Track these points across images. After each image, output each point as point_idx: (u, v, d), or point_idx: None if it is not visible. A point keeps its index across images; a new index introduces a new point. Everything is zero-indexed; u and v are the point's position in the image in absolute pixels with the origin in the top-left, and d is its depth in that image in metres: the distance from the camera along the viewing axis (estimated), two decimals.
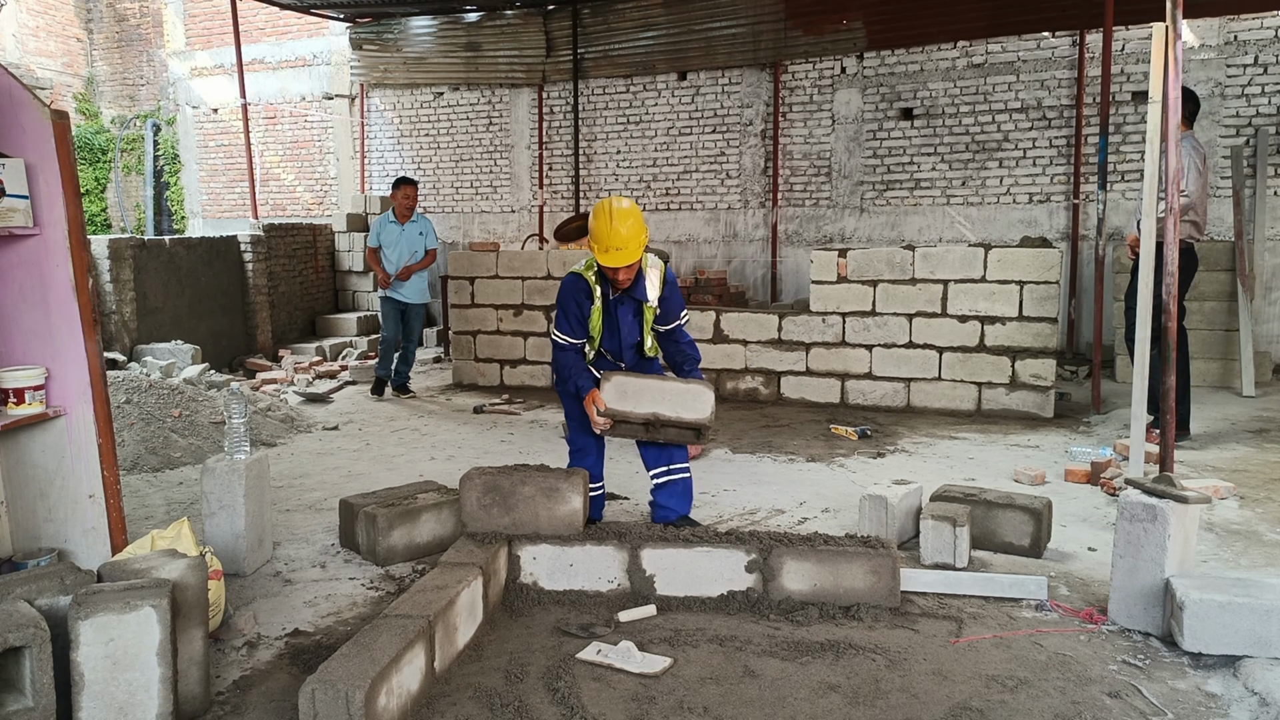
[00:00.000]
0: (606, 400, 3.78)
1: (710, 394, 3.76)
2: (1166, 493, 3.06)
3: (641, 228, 3.78)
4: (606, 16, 10.83)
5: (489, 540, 3.39)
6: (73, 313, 3.10)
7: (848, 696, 2.68)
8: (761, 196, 10.51)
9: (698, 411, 3.72)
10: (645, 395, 3.75)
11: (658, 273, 3.98)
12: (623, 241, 3.73)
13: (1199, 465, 5.11)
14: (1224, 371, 7.61)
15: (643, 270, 3.92)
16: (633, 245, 3.75)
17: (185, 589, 2.56)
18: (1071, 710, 2.58)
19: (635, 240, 3.75)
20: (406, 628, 2.62)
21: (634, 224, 3.75)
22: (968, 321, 6.67)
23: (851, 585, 3.27)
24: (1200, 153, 5.46)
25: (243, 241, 9.69)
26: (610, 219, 3.76)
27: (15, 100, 3.01)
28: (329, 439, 6.21)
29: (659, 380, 3.82)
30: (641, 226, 3.78)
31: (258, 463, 3.79)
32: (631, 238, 3.74)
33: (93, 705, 2.31)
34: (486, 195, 11.91)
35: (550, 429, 6.43)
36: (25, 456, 3.20)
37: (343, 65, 12.35)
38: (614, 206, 3.79)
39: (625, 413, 3.74)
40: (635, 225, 3.75)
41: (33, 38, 13.98)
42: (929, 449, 5.69)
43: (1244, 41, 8.41)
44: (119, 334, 8.02)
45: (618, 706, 2.63)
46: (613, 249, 3.75)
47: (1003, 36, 9.22)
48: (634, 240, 3.75)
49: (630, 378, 3.82)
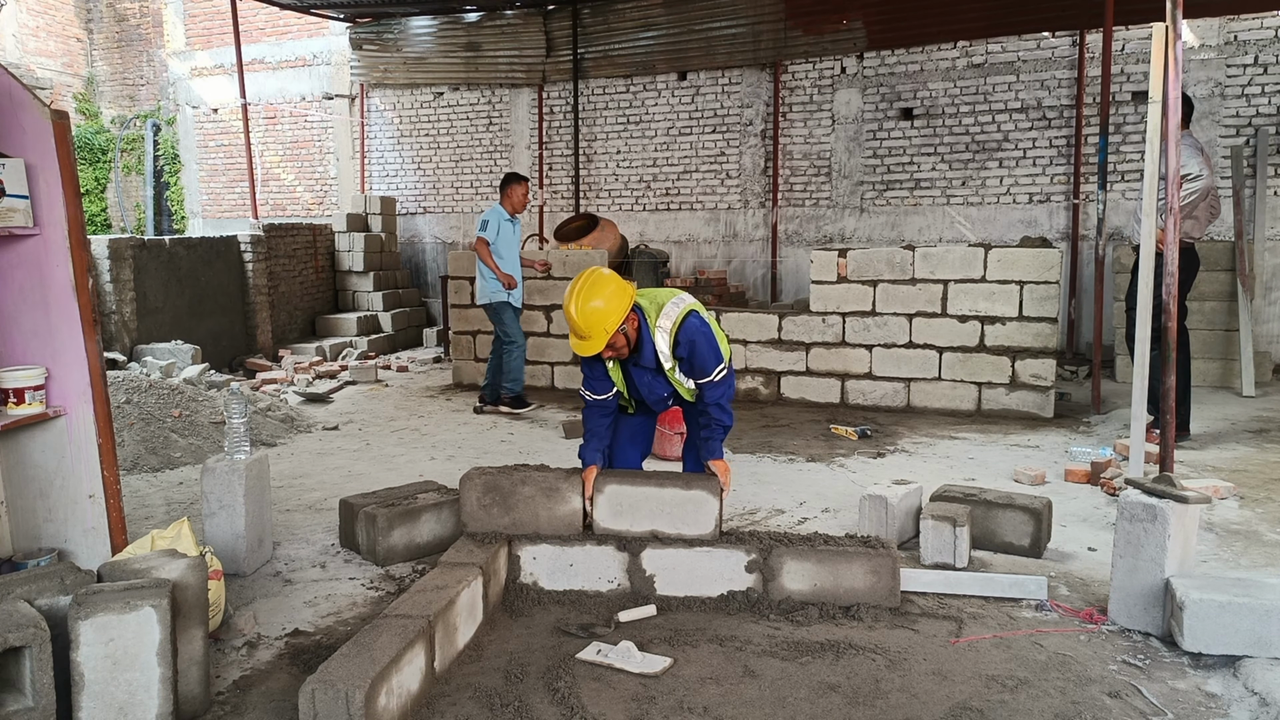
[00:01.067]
0: (599, 518, 3.43)
1: (714, 501, 3.36)
2: (1166, 493, 3.06)
3: (613, 310, 3.23)
4: (606, 16, 10.83)
5: (489, 540, 3.39)
6: (73, 313, 3.10)
7: (848, 696, 2.68)
8: (761, 196, 10.51)
9: (699, 526, 3.37)
10: (642, 509, 3.40)
11: (666, 334, 3.38)
12: (585, 329, 3.23)
13: (1199, 465, 5.11)
14: (1224, 371, 7.61)
15: (650, 331, 3.39)
16: (597, 334, 3.23)
17: (185, 589, 2.56)
18: (1071, 710, 2.58)
19: (600, 327, 3.22)
20: (406, 628, 2.62)
21: (603, 308, 3.21)
22: (968, 321, 6.67)
23: (851, 585, 3.27)
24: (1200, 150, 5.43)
25: (243, 241, 9.69)
26: (572, 298, 3.23)
27: (15, 100, 3.01)
28: (329, 439, 6.21)
29: (658, 489, 3.41)
30: (614, 308, 3.23)
31: (258, 463, 3.79)
32: (594, 325, 3.22)
33: (93, 705, 2.31)
34: (486, 195, 11.90)
35: (550, 429, 6.43)
36: (25, 456, 3.20)
37: (343, 65, 12.35)
38: (582, 284, 3.25)
39: (620, 532, 3.41)
40: (604, 309, 3.21)
41: (33, 38, 13.98)
42: (929, 449, 5.69)
43: (1244, 41, 8.41)
44: (119, 334, 8.02)
45: (618, 706, 2.63)
46: (579, 336, 3.27)
47: (1003, 36, 9.22)
48: (598, 327, 3.22)
49: (626, 486, 3.42)
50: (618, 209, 11.15)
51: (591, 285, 3.24)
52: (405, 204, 12.30)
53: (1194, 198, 5.28)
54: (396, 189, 12.35)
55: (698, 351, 3.35)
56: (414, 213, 12.32)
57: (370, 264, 11.19)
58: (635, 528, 3.41)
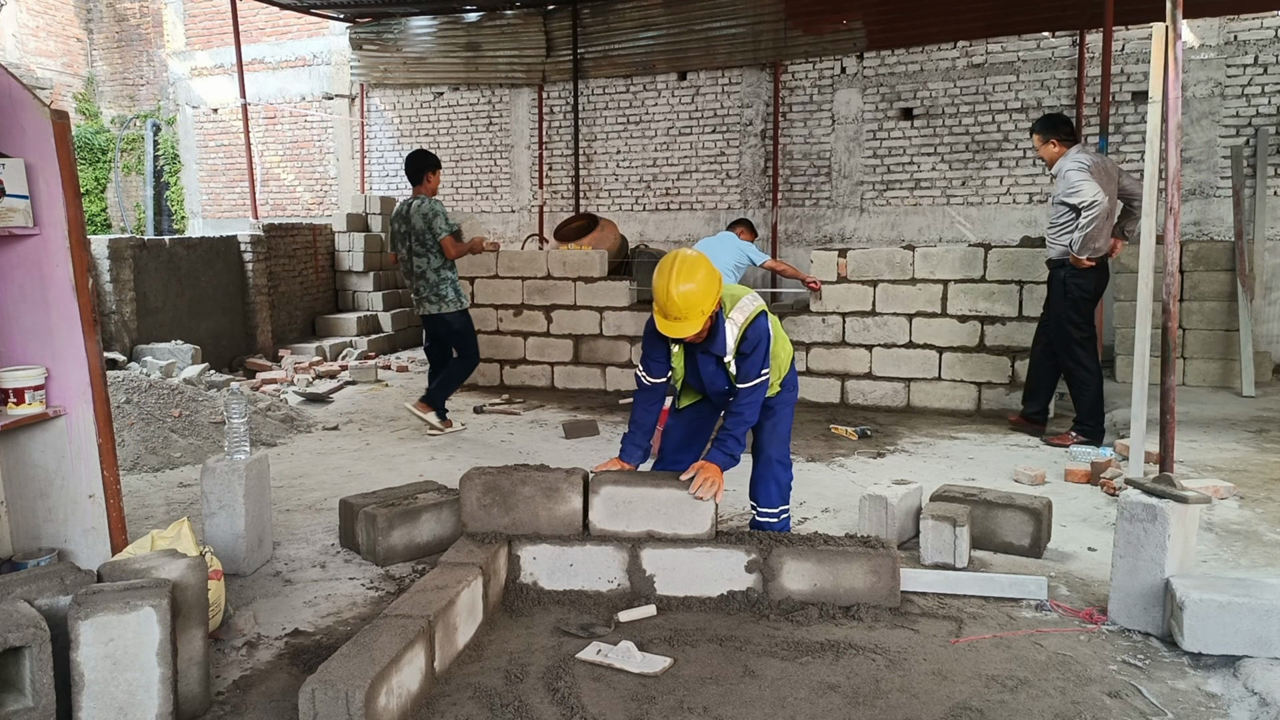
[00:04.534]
0: (596, 520, 3.42)
1: (711, 501, 3.35)
2: (1166, 493, 3.06)
3: (709, 292, 3.21)
4: (606, 16, 10.83)
5: (489, 540, 3.39)
6: (73, 313, 3.10)
7: (848, 696, 2.68)
8: (761, 196, 10.51)
9: (696, 526, 3.36)
10: (638, 510, 3.39)
11: (737, 327, 3.36)
12: (680, 311, 3.19)
13: (1199, 465, 5.11)
14: (1224, 371, 7.61)
15: (723, 319, 3.36)
16: (693, 316, 3.21)
17: (185, 589, 2.56)
18: (1071, 710, 2.58)
19: (697, 309, 3.20)
20: (406, 628, 2.62)
21: (698, 289, 3.18)
22: (968, 321, 6.67)
23: (851, 585, 3.27)
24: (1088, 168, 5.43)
25: (243, 241, 9.69)
26: (669, 280, 3.19)
27: (15, 100, 3.01)
28: (329, 439, 6.21)
29: (654, 489, 3.40)
30: (709, 290, 3.21)
31: (258, 463, 3.79)
32: (691, 307, 3.19)
33: (93, 705, 2.31)
34: (486, 195, 11.91)
35: (550, 429, 6.43)
36: (25, 456, 3.20)
37: (343, 65, 12.35)
38: (677, 265, 3.21)
39: (616, 533, 3.41)
40: (699, 291, 3.19)
41: (33, 38, 13.98)
42: (929, 449, 5.69)
43: (1244, 41, 8.41)
44: (119, 334, 8.02)
45: (618, 706, 2.63)
46: (671, 317, 3.23)
47: (1003, 36, 9.22)
48: (695, 309, 3.20)
49: (622, 487, 3.41)
50: (618, 209, 11.16)
51: (685, 267, 3.21)
52: None
53: (1096, 222, 5.36)
54: (396, 189, 12.35)
55: (754, 355, 3.37)
56: None
57: (370, 264, 11.19)
58: (632, 528, 3.41)
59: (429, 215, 6.04)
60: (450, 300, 6.15)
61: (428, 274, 6.13)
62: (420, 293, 6.19)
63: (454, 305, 6.17)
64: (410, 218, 6.13)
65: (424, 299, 6.18)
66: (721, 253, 6.54)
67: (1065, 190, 5.44)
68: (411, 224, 6.12)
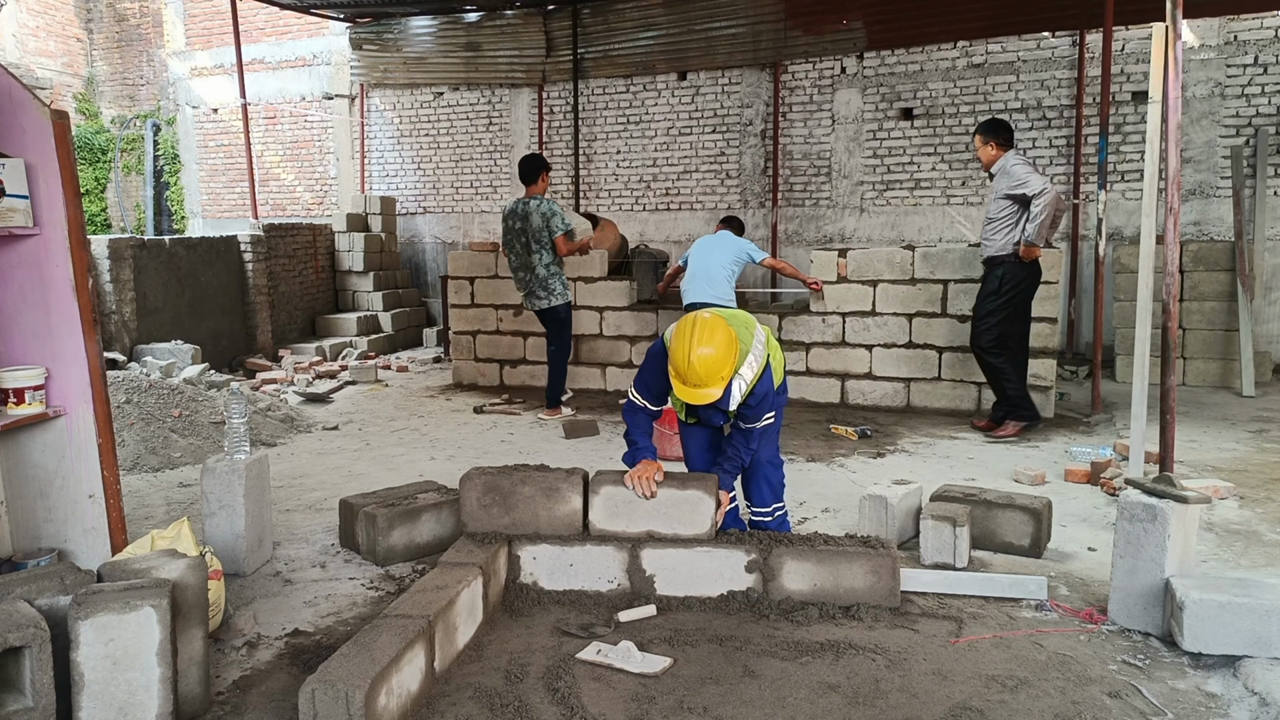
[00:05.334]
0: (595, 519, 3.41)
1: (710, 501, 3.35)
2: (1166, 493, 3.06)
3: (728, 356, 3.16)
4: (606, 16, 10.83)
5: (489, 540, 3.39)
6: (73, 313, 3.10)
7: (848, 696, 2.68)
8: (761, 196, 10.51)
9: (695, 526, 3.36)
10: (638, 509, 3.39)
11: (746, 383, 3.31)
12: (700, 378, 3.16)
13: (1199, 465, 5.11)
14: (1224, 371, 7.61)
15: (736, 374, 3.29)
16: (714, 382, 3.17)
17: (185, 589, 2.56)
18: (1071, 710, 2.58)
19: (717, 374, 3.16)
20: (406, 628, 2.62)
21: (717, 355, 3.14)
22: (968, 321, 6.66)
23: (851, 585, 3.27)
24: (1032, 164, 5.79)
25: (243, 241, 9.69)
26: (689, 345, 3.14)
27: (15, 100, 3.01)
28: (329, 439, 6.21)
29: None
30: (729, 355, 3.17)
31: (258, 463, 3.79)
32: (712, 373, 3.15)
33: (93, 705, 2.31)
34: (486, 195, 11.91)
35: (550, 429, 6.43)
36: (25, 456, 3.20)
37: (343, 65, 12.35)
38: (696, 330, 3.16)
39: (616, 533, 3.41)
40: (719, 357, 3.14)
41: (33, 38, 13.98)
42: (929, 449, 5.69)
43: (1244, 41, 8.41)
44: (119, 334, 8.02)
45: (618, 706, 2.63)
46: (691, 384, 3.19)
47: (1003, 36, 9.22)
48: (714, 375, 3.16)
49: (621, 488, 3.39)
50: (617, 209, 11.16)
51: (704, 332, 3.17)
52: (405, 204, 12.31)
53: (1047, 210, 5.57)
54: (396, 189, 12.35)
55: (764, 404, 3.41)
56: (414, 213, 12.32)
57: (370, 264, 11.19)
58: (632, 528, 3.40)
59: (548, 214, 6.45)
60: (557, 294, 6.59)
61: (538, 269, 6.54)
62: (529, 286, 6.63)
63: (560, 299, 6.61)
64: (529, 215, 6.49)
65: (533, 293, 6.62)
66: (721, 251, 6.54)
67: (1011, 185, 5.69)
68: (530, 221, 6.49)
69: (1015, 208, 5.70)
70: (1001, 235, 5.78)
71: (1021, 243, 5.66)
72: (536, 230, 6.45)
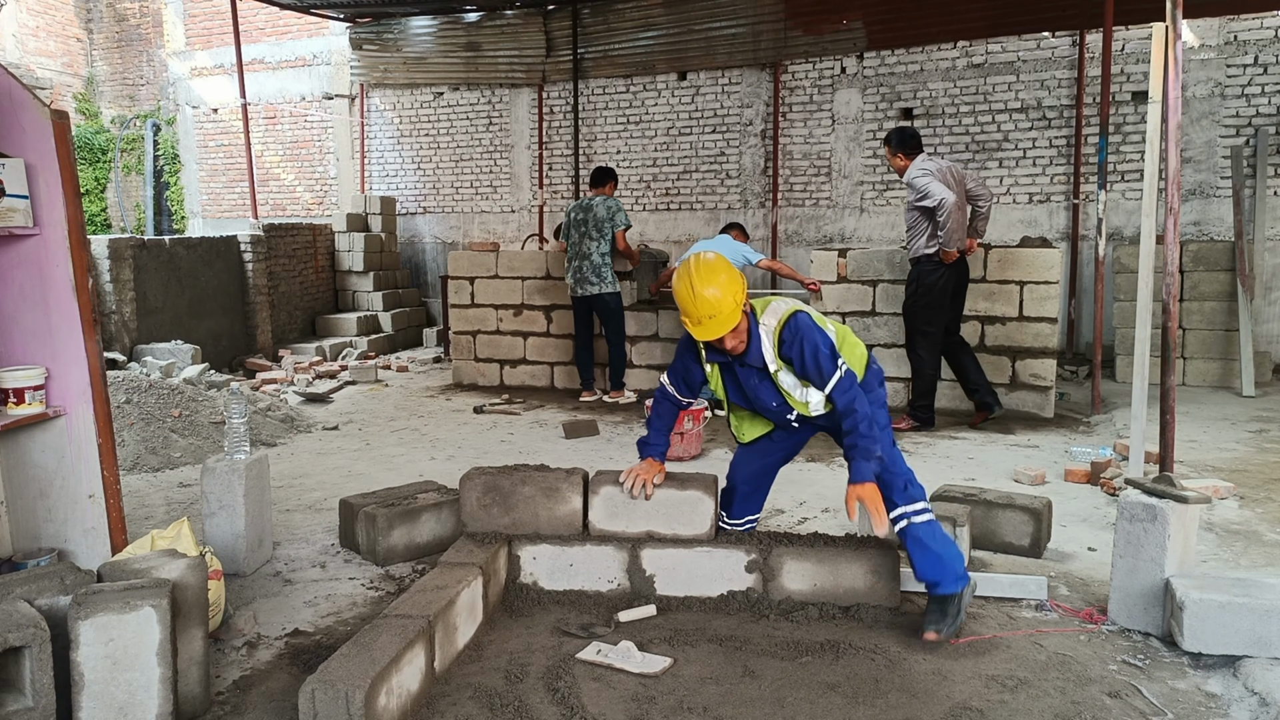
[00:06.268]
0: (595, 519, 3.38)
1: (709, 501, 3.32)
2: (1166, 493, 3.06)
3: (732, 282, 3.04)
4: (606, 16, 10.83)
5: (489, 540, 3.39)
6: (73, 313, 3.10)
7: (848, 696, 2.68)
8: (761, 196, 10.51)
9: (695, 526, 3.33)
10: (638, 509, 3.36)
11: (770, 332, 3.14)
12: (710, 308, 3.01)
13: (1199, 465, 5.11)
14: (1224, 371, 7.61)
15: (757, 327, 3.16)
16: (724, 310, 3.01)
17: (185, 589, 2.56)
18: (1071, 710, 2.58)
19: (726, 301, 3.01)
20: (406, 628, 2.62)
21: (724, 283, 3.02)
22: (968, 321, 6.66)
23: (851, 585, 3.27)
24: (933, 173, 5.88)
25: (243, 241, 9.69)
26: (692, 283, 3.03)
27: (15, 100, 3.01)
28: (329, 439, 6.21)
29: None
30: (732, 281, 3.04)
31: (258, 463, 3.79)
32: (720, 301, 3.00)
33: (93, 705, 2.31)
34: (486, 195, 11.91)
35: (550, 429, 6.43)
36: (25, 456, 3.20)
37: (343, 65, 12.35)
38: (695, 266, 3.07)
39: (616, 533, 3.38)
40: (726, 284, 3.02)
41: (33, 38, 13.98)
42: (929, 449, 5.69)
43: (1244, 41, 8.41)
44: (119, 334, 8.02)
45: (618, 706, 2.63)
46: (702, 318, 3.03)
47: (1003, 36, 9.22)
48: (723, 302, 3.01)
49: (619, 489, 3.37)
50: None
51: (703, 266, 3.06)
52: (405, 204, 12.31)
53: (950, 219, 5.76)
54: (396, 189, 12.35)
55: (808, 351, 3.08)
56: (414, 213, 12.32)
57: (370, 264, 11.19)
58: (632, 528, 3.40)
59: (613, 209, 7.14)
60: (609, 282, 7.17)
61: (593, 256, 7.12)
62: (582, 272, 7.17)
63: (611, 287, 7.19)
64: (593, 208, 7.16)
65: (585, 279, 7.16)
66: (717, 251, 6.57)
67: (915, 197, 5.91)
68: (593, 212, 7.14)
69: (921, 216, 5.92)
70: (915, 240, 6.02)
71: (939, 249, 5.89)
72: (599, 220, 7.08)
